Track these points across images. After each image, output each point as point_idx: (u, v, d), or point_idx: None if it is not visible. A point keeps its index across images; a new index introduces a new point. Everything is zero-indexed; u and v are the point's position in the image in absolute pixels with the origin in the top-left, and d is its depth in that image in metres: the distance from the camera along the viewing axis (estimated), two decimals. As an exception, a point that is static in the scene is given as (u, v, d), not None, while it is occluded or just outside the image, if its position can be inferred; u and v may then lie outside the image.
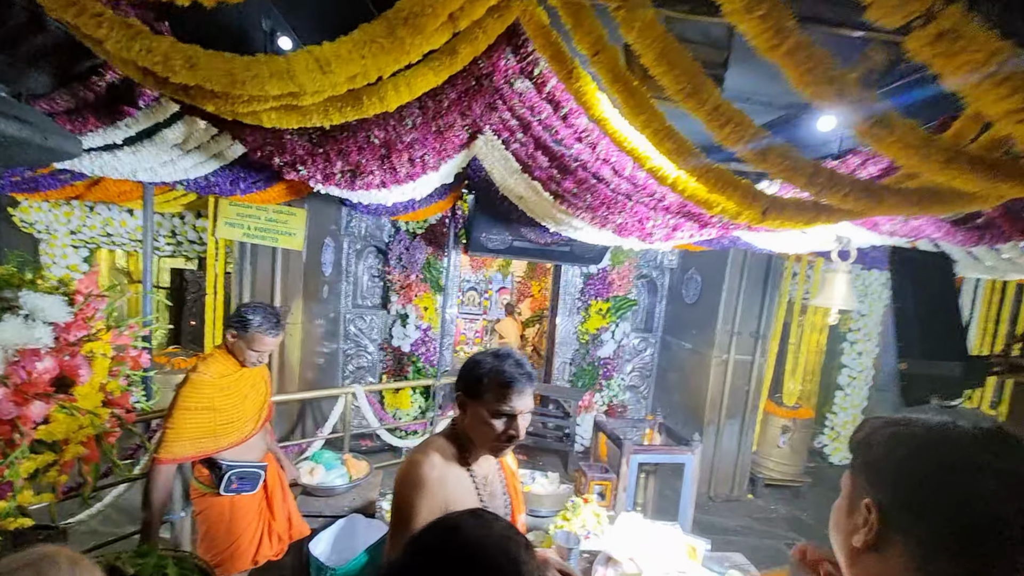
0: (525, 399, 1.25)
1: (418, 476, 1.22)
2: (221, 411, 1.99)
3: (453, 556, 0.70)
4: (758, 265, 4.66)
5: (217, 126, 1.37)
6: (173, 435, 1.91)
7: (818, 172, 0.80)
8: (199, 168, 2.55)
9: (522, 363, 1.27)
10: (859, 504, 0.66)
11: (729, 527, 4.44)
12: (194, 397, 1.95)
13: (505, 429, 1.24)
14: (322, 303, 5.00)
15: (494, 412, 1.23)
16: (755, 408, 4.92)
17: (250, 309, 2.05)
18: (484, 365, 1.26)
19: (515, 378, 1.22)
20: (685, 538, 1.78)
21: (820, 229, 2.29)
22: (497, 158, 2.02)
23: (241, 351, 2.05)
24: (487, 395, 1.23)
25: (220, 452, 2.02)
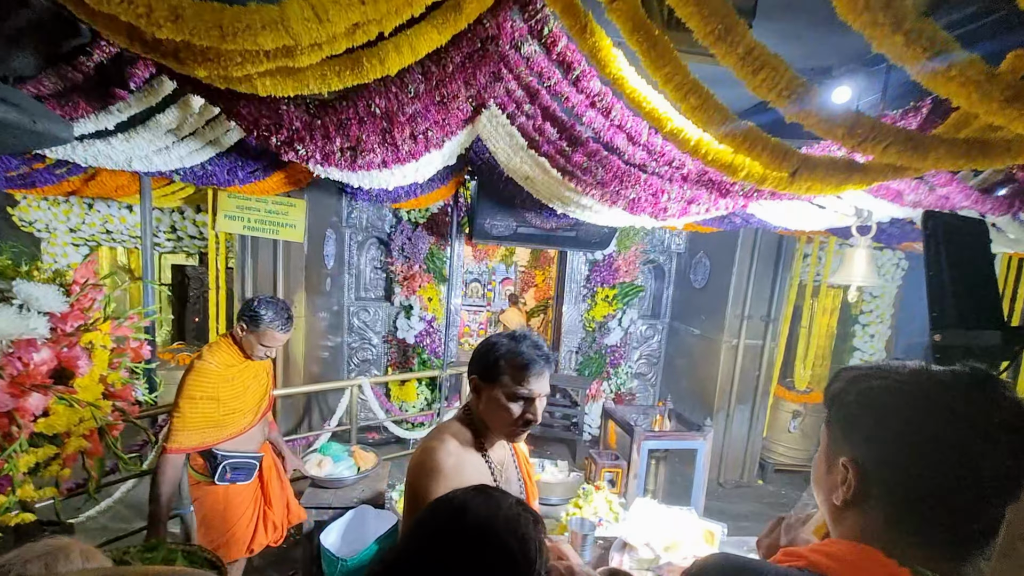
0: (542, 382, 1.21)
1: (434, 463, 1.17)
2: (224, 401, 1.97)
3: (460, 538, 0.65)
4: (769, 247, 4.58)
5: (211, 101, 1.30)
6: (180, 424, 1.90)
7: (859, 122, 0.73)
8: (195, 156, 2.49)
9: (539, 344, 1.23)
10: (836, 461, 0.65)
11: (740, 513, 4.40)
12: (199, 385, 1.93)
13: (522, 413, 1.20)
14: (325, 296, 4.95)
15: (511, 395, 1.19)
16: (765, 393, 4.86)
17: (262, 303, 2.03)
18: (500, 347, 1.22)
19: (533, 359, 1.18)
20: (701, 523, 1.72)
21: (839, 203, 2.21)
22: (501, 135, 1.95)
23: (251, 345, 2.03)
24: (504, 378, 1.19)
25: (221, 443, 1.99)
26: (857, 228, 2.22)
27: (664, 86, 0.85)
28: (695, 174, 1.37)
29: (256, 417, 2.16)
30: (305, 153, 1.52)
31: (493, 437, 1.30)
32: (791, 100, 0.71)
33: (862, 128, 0.72)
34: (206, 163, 2.66)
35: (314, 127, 1.26)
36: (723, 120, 0.86)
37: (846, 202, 2.21)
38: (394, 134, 1.36)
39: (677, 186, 1.53)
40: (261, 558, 3.10)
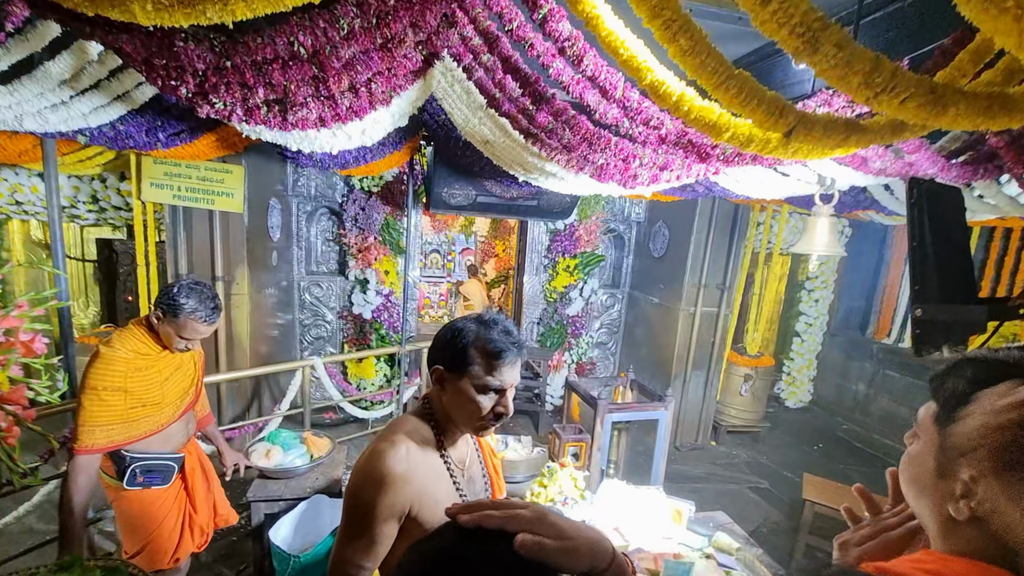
0: (515, 371, 1.10)
1: (382, 470, 1.05)
2: (134, 393, 1.73)
3: None
4: (725, 216, 4.61)
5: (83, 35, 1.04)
6: (83, 420, 1.66)
7: (878, 68, 0.62)
8: (101, 113, 2.16)
9: (510, 330, 1.11)
10: (955, 469, 0.55)
11: (695, 475, 4.56)
12: (103, 375, 1.68)
13: (493, 406, 1.09)
14: (271, 271, 4.63)
15: (481, 387, 1.07)
16: (720, 359, 5.00)
17: (183, 290, 1.76)
18: (467, 334, 1.09)
19: (506, 347, 1.07)
20: (669, 502, 1.70)
21: (803, 171, 2.17)
22: (458, 93, 1.76)
23: (168, 336, 1.77)
24: (473, 368, 1.07)
25: (134, 441, 1.76)
26: (820, 196, 2.19)
27: (651, 22, 0.71)
28: (673, 135, 1.25)
29: (177, 412, 1.92)
30: (223, 107, 1.30)
31: (456, 433, 1.19)
32: (805, 38, 0.60)
33: (881, 76, 0.62)
34: (116, 122, 2.32)
35: (225, 71, 1.04)
36: (716, 68, 0.73)
37: (810, 170, 2.18)
38: (329, 84, 1.16)
39: (651, 150, 1.40)
40: (209, 553, 2.92)
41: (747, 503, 4.13)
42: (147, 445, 1.82)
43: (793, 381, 6.26)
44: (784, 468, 4.74)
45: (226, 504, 2.24)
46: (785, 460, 4.92)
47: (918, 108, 0.64)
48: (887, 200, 2.80)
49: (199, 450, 2.15)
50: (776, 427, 5.59)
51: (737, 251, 4.75)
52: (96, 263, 5.67)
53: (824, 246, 2.24)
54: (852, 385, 5.98)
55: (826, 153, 0.98)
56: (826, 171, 2.08)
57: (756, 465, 4.82)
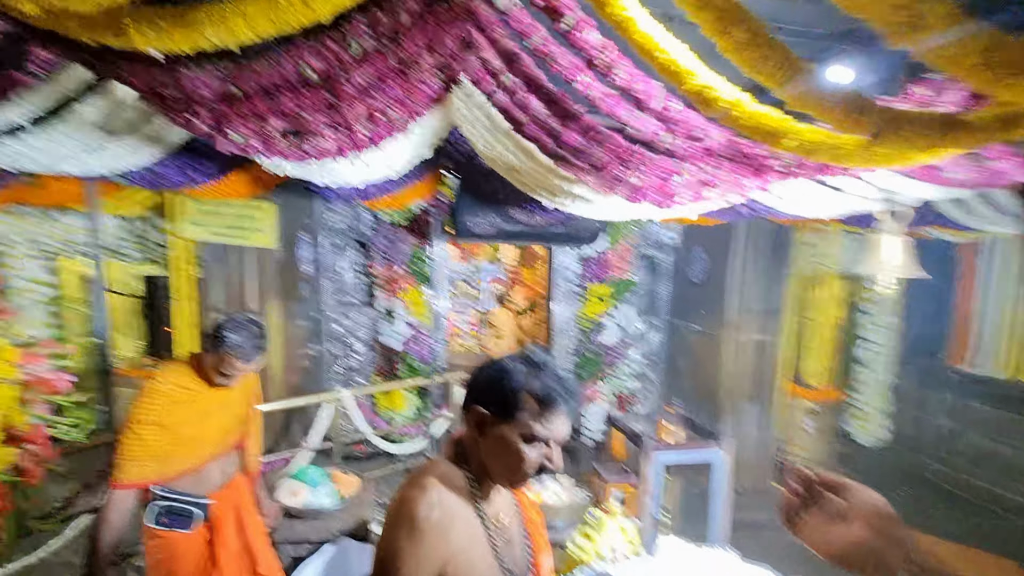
0: (566, 424, 0.99)
1: (412, 515, 0.93)
2: (170, 428, 1.67)
3: None
4: (767, 237, 4.36)
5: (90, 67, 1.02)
6: (120, 453, 1.61)
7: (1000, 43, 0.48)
8: (136, 157, 2.20)
9: (563, 379, 1.00)
10: None
11: (759, 520, 4.15)
12: (145, 409, 1.65)
13: (539, 459, 0.97)
14: (302, 303, 4.66)
15: (528, 437, 0.96)
16: (775, 391, 4.63)
17: (232, 325, 1.73)
18: (517, 376, 0.98)
19: (561, 397, 0.96)
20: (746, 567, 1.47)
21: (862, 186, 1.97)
22: (479, 118, 1.68)
23: (209, 369, 1.75)
24: (522, 415, 0.96)
25: (169, 480, 1.69)
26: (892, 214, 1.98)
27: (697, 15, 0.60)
28: (723, 147, 1.12)
29: (217, 451, 1.84)
30: (241, 140, 1.25)
31: (491, 484, 1.05)
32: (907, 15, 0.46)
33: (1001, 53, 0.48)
34: (154, 165, 2.37)
35: (235, 100, 0.99)
36: (780, 62, 0.61)
37: (870, 184, 1.98)
38: (343, 112, 1.10)
39: (693, 165, 1.27)
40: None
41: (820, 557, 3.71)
42: (175, 484, 1.75)
43: (865, 415, 5.70)
44: None
45: (271, 564, 2.01)
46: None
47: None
48: (954, 213, 2.55)
49: (240, 500, 1.97)
50: (849, 467, 5.04)
51: (783, 273, 4.47)
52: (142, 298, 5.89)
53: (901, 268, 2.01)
54: (932, 419, 5.36)
55: (913, 158, 0.82)
56: (889, 184, 1.88)
57: (828, 510, 4.38)
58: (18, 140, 1.81)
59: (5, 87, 1.50)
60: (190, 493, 1.79)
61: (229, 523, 1.89)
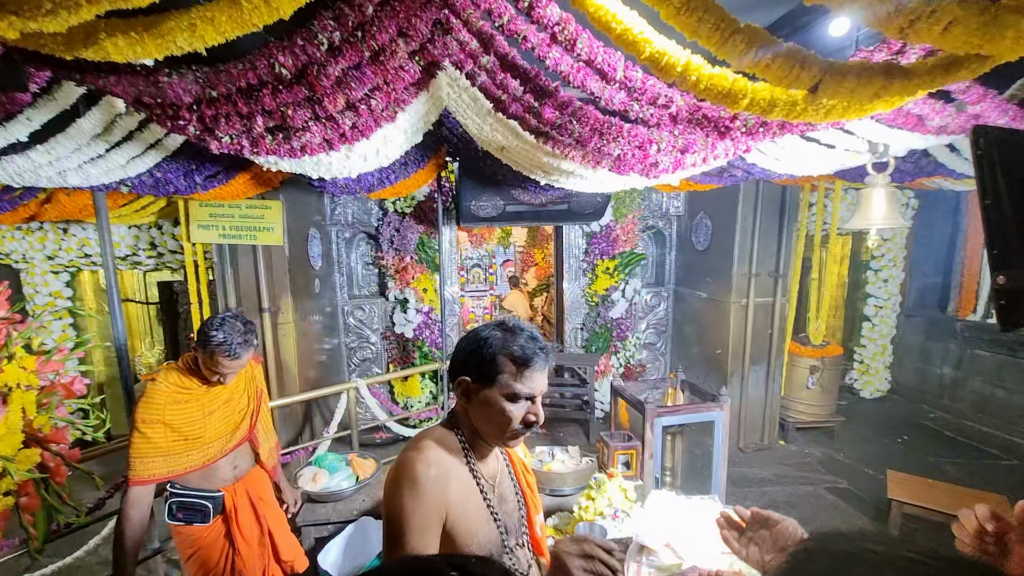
0: (543, 378, 1.06)
1: (412, 474, 1.01)
2: (173, 426, 1.75)
3: None
4: (772, 199, 4.33)
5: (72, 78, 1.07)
6: (131, 453, 1.70)
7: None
8: (138, 163, 2.28)
9: (536, 336, 1.07)
10: None
11: (763, 477, 4.25)
12: (146, 409, 1.72)
13: (524, 414, 1.04)
14: (315, 298, 4.76)
15: (511, 395, 1.03)
16: (780, 351, 4.67)
17: (217, 324, 1.77)
18: (493, 342, 1.05)
19: (534, 354, 1.03)
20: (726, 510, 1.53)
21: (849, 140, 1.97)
22: (466, 101, 1.72)
23: (203, 366, 1.81)
24: (502, 376, 1.03)
25: (177, 476, 1.78)
26: (873, 165, 1.98)
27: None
28: (686, 111, 1.14)
29: (226, 447, 1.91)
30: (231, 141, 1.31)
31: (485, 447, 1.13)
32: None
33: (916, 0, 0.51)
34: (154, 170, 2.44)
35: (216, 102, 1.04)
36: (717, 23, 0.64)
37: (858, 137, 1.98)
38: (325, 104, 1.14)
39: (667, 132, 1.30)
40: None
41: (824, 505, 3.79)
42: (187, 480, 1.83)
43: (867, 369, 5.76)
44: (864, 465, 4.33)
45: (293, 549, 2.12)
46: (865, 456, 4.50)
47: (968, 35, 0.52)
48: (954, 162, 2.51)
49: (256, 490, 2.05)
50: (852, 420, 5.13)
51: (789, 235, 4.45)
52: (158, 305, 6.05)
53: (883, 218, 2.02)
54: (936, 369, 5.42)
55: (864, 109, 0.85)
56: (877, 136, 1.87)
57: (832, 463, 4.44)
58: (22, 157, 1.90)
59: (9, 107, 1.58)
60: (201, 488, 1.87)
61: (246, 513, 1.98)
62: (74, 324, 5.32)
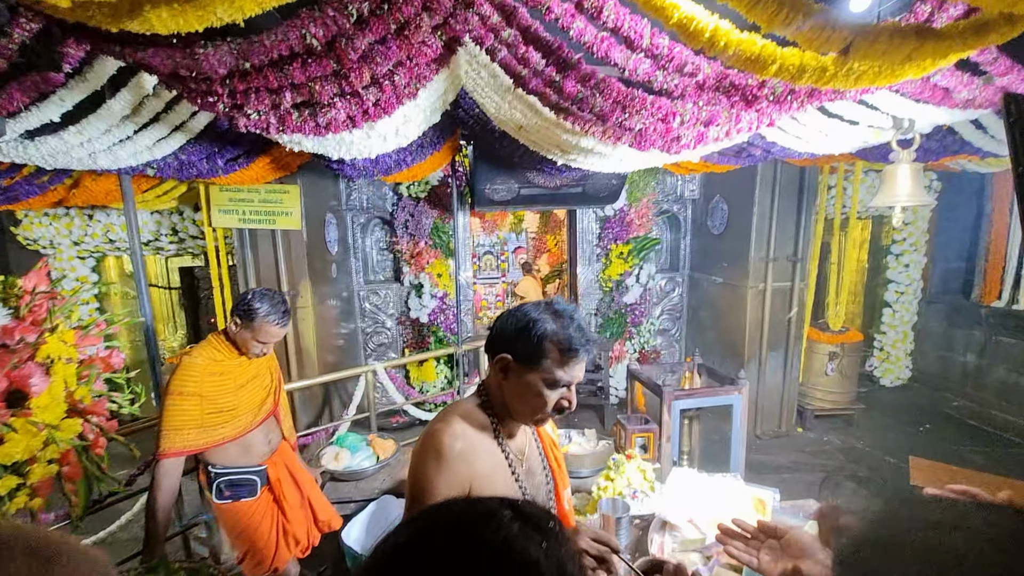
0: (583, 367, 1.07)
1: (439, 447, 1.03)
2: (210, 398, 1.82)
3: None
4: (790, 181, 4.26)
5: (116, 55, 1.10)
6: (164, 425, 1.76)
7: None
8: (164, 145, 2.32)
9: (583, 327, 1.07)
10: None
11: (780, 464, 4.24)
12: (180, 382, 1.79)
13: (558, 400, 1.06)
14: (332, 283, 4.83)
15: (550, 382, 1.03)
16: (798, 337, 4.62)
17: (256, 296, 1.87)
18: (543, 326, 1.04)
19: (581, 345, 1.03)
20: (750, 490, 1.55)
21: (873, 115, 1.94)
22: (485, 79, 1.72)
23: (245, 341, 1.88)
24: (546, 362, 1.03)
25: (211, 447, 1.85)
26: (898, 142, 1.95)
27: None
28: (713, 79, 1.13)
29: (255, 420, 1.99)
30: (258, 117, 1.33)
31: (513, 423, 1.15)
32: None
33: None
34: (179, 152, 2.49)
35: (248, 75, 1.06)
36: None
37: (883, 112, 1.94)
38: (351, 79, 1.16)
39: (691, 103, 1.29)
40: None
41: (844, 493, 3.78)
42: (229, 459, 1.91)
43: (887, 357, 5.67)
44: (885, 453, 4.29)
45: (327, 509, 2.25)
46: (885, 444, 4.45)
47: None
48: (979, 140, 2.45)
49: (290, 460, 2.16)
50: (872, 408, 5.06)
51: (807, 219, 4.38)
52: (180, 290, 6.18)
53: (908, 196, 1.99)
54: (959, 356, 5.30)
55: (895, 74, 0.83)
56: (902, 111, 1.84)
57: (851, 451, 4.40)
58: (56, 138, 1.95)
59: (42, 87, 1.62)
60: (244, 464, 1.96)
61: (287, 482, 2.09)
62: (100, 308, 5.46)
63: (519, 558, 0.46)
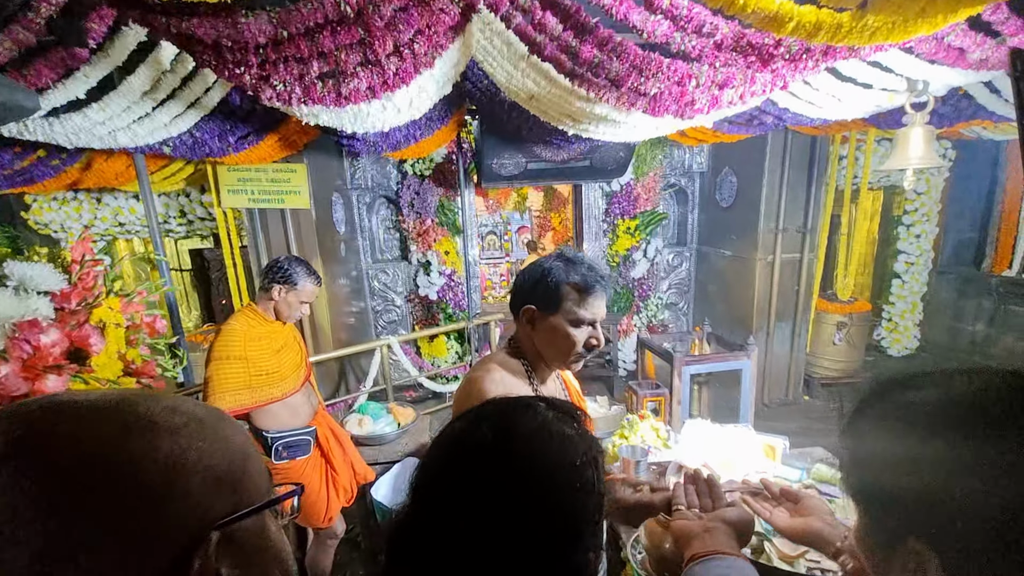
0: (603, 304, 1.13)
1: (480, 393, 1.09)
2: (253, 361, 1.93)
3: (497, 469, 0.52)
4: (800, 152, 4.24)
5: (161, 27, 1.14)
6: (212, 389, 1.88)
7: None
8: (179, 122, 2.36)
9: (594, 266, 1.15)
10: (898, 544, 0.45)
11: (787, 430, 4.28)
12: (224, 346, 1.91)
13: (587, 338, 1.12)
14: (341, 262, 4.89)
15: (574, 321, 1.11)
16: (807, 308, 4.65)
17: (289, 262, 2.02)
18: (556, 271, 1.12)
19: (596, 282, 1.11)
20: (760, 437, 1.62)
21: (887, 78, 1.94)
22: (498, 47, 1.73)
23: (289, 306, 2.02)
24: (566, 304, 1.10)
25: (259, 406, 1.95)
26: (912, 105, 1.95)
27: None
28: (731, 39, 1.15)
29: (297, 383, 2.12)
30: (284, 88, 1.36)
31: (545, 370, 1.22)
32: None
33: None
34: (193, 130, 2.53)
35: (282, 44, 1.09)
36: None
37: (896, 75, 1.94)
38: (375, 48, 1.18)
39: (707, 65, 1.31)
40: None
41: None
42: (282, 423, 2.04)
43: (895, 327, 5.69)
44: (861, 394, 4.37)
45: (362, 463, 2.42)
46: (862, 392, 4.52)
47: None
48: (994, 104, 2.43)
49: (329, 420, 2.33)
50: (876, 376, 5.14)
51: (818, 189, 4.37)
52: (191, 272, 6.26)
53: (920, 159, 2.00)
54: (968, 326, 5.32)
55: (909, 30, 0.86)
56: (916, 73, 1.84)
57: (856, 418, 4.49)
58: (80, 115, 1.99)
59: (68, 63, 1.66)
60: (297, 427, 2.09)
61: (331, 439, 2.25)
62: (116, 289, 5.53)
63: (557, 435, 0.54)
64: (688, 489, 0.95)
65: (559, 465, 0.52)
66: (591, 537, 0.53)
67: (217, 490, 0.38)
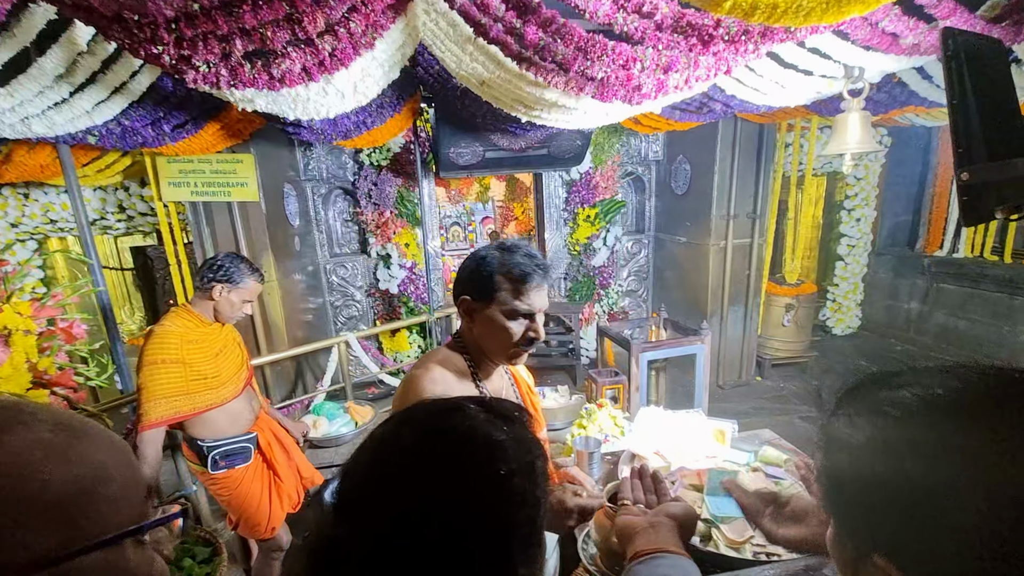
0: (542, 295, 1.08)
1: (417, 392, 1.05)
2: (191, 365, 1.81)
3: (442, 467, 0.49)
4: (749, 139, 4.37)
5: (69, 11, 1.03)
6: (146, 396, 1.75)
7: None
8: (103, 109, 2.19)
9: (533, 254, 1.09)
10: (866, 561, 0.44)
11: (742, 411, 4.49)
12: (159, 350, 1.77)
13: (524, 331, 1.08)
14: (296, 257, 4.71)
15: (510, 313, 1.06)
16: (757, 291, 4.83)
17: (226, 260, 1.89)
18: (491, 260, 1.07)
19: (532, 271, 1.05)
20: (710, 422, 1.66)
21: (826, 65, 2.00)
22: (444, 29, 1.68)
23: (231, 305, 1.89)
24: (500, 294, 1.06)
25: (197, 414, 1.84)
26: (849, 92, 2.02)
27: None
28: (670, 19, 1.14)
29: (237, 388, 2.01)
30: (208, 70, 1.27)
31: (490, 365, 1.18)
32: None
33: None
34: (121, 118, 2.35)
35: (196, 19, 1.00)
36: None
37: (834, 61, 2.00)
38: (305, 25, 1.11)
39: (651, 47, 1.30)
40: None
41: (796, 431, 4.05)
42: (220, 431, 1.92)
43: (839, 308, 6.00)
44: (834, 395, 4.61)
45: (309, 467, 2.33)
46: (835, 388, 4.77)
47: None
48: (926, 90, 2.56)
49: (271, 424, 2.22)
50: (824, 356, 5.41)
51: (766, 176, 4.52)
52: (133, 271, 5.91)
53: (857, 143, 2.08)
54: (903, 304, 5.68)
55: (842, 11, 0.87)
56: (852, 59, 1.90)
57: (805, 396, 4.70)
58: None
59: (-38, 43, 1.49)
60: (236, 434, 1.98)
61: (274, 444, 2.15)
62: (47, 291, 5.17)
63: (484, 440, 0.50)
64: (634, 484, 0.94)
65: (484, 474, 0.48)
66: (521, 551, 0.49)
67: (41, 523, 0.33)
